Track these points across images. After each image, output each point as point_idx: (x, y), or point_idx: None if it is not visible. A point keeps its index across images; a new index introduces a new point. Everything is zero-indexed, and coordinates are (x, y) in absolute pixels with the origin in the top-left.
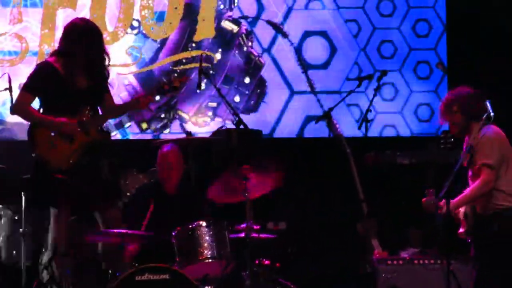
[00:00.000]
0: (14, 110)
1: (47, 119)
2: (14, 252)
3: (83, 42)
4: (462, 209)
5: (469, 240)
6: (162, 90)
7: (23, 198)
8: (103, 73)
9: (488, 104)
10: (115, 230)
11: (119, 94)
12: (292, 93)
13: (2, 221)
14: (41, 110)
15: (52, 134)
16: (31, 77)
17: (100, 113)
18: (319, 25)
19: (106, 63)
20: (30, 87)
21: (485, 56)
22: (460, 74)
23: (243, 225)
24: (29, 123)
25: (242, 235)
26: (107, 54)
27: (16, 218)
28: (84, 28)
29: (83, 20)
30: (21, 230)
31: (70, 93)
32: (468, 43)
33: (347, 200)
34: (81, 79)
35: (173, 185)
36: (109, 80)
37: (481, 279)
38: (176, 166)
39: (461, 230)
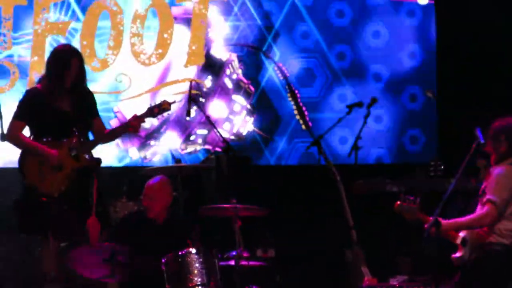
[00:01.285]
0: (5, 137)
1: (37, 147)
2: (3, 279)
3: (64, 66)
4: (462, 234)
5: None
6: (152, 113)
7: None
8: (87, 97)
9: (478, 132)
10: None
11: (108, 121)
12: (282, 119)
13: None
14: (32, 137)
15: (42, 164)
16: (20, 105)
17: (91, 138)
18: (308, 52)
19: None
20: (20, 114)
21: (476, 84)
22: (449, 101)
23: (232, 253)
24: (20, 151)
25: (232, 262)
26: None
27: (6, 244)
28: (63, 52)
29: (63, 45)
30: None
31: (58, 118)
32: (458, 71)
33: (336, 227)
34: (66, 103)
35: (155, 214)
36: (98, 107)
37: None
38: (158, 197)
39: (457, 254)
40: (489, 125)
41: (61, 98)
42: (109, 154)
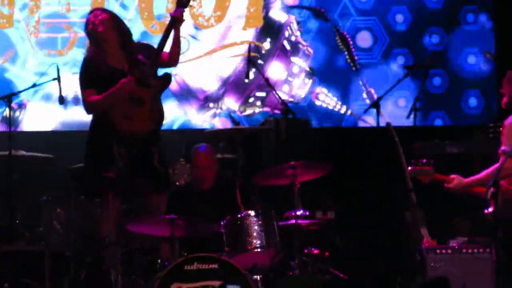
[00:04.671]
0: (87, 111)
1: (110, 91)
2: (63, 241)
3: (95, 34)
4: (492, 189)
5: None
6: (183, 2)
7: (73, 188)
8: (144, 50)
9: None
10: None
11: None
12: (340, 82)
13: (52, 211)
14: None
15: (122, 110)
16: (82, 76)
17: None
18: (367, 16)
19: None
20: (86, 84)
21: None
22: (509, 62)
23: (291, 213)
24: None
25: (291, 222)
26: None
27: (66, 207)
28: (87, 21)
29: (91, 11)
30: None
31: (116, 77)
32: None
33: (395, 190)
34: (121, 61)
35: (209, 183)
36: None
37: (502, 261)
38: (212, 165)
39: (490, 209)
40: None
41: (114, 58)
42: (168, 116)
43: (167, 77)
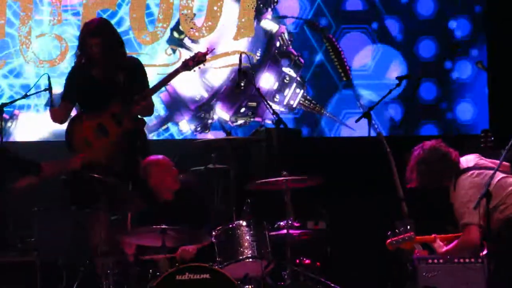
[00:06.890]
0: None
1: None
2: (55, 251)
3: (81, 45)
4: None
5: None
6: (187, 66)
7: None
8: (131, 67)
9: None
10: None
11: (158, 94)
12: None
13: (44, 221)
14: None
15: (87, 133)
16: (64, 85)
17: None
18: (358, 24)
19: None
20: (64, 95)
21: None
22: (500, 71)
23: (282, 222)
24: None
25: (283, 232)
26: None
27: (57, 217)
28: (81, 31)
29: (86, 23)
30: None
31: (92, 86)
32: (509, 42)
33: (387, 200)
34: (100, 72)
35: (171, 193)
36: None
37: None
38: (171, 167)
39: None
40: None
41: (99, 69)
42: (158, 126)
43: (141, 123)
